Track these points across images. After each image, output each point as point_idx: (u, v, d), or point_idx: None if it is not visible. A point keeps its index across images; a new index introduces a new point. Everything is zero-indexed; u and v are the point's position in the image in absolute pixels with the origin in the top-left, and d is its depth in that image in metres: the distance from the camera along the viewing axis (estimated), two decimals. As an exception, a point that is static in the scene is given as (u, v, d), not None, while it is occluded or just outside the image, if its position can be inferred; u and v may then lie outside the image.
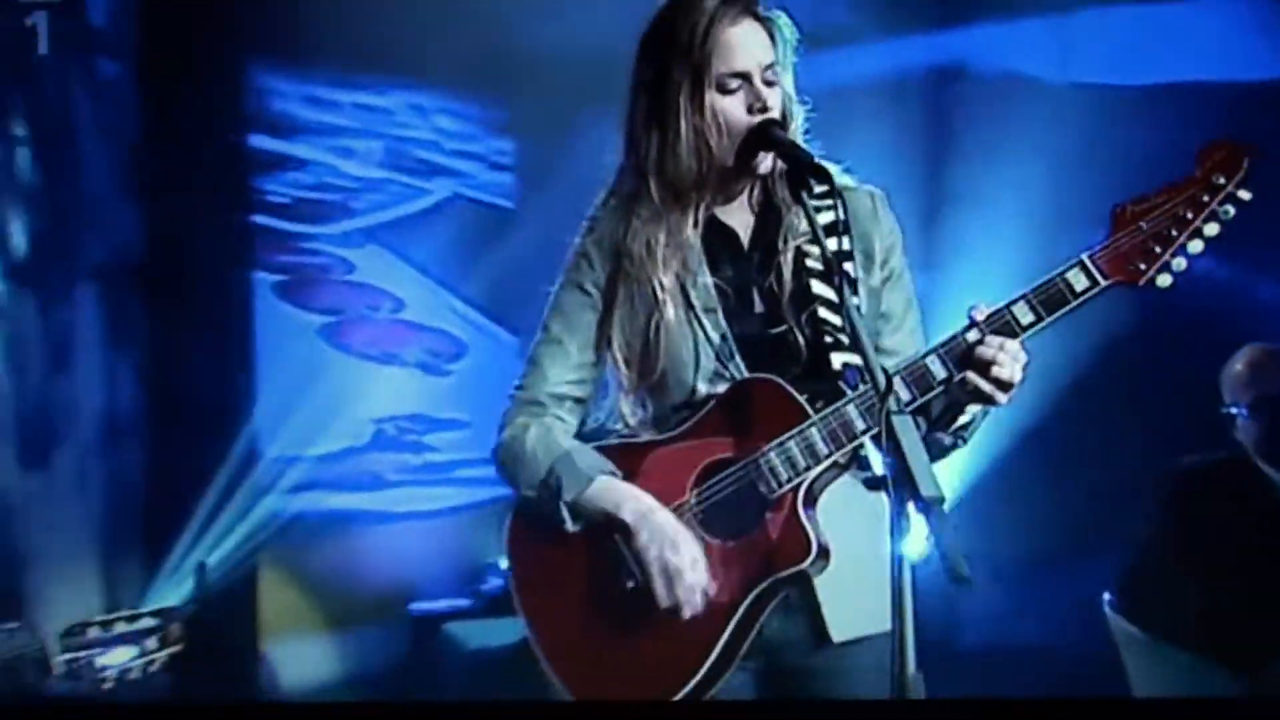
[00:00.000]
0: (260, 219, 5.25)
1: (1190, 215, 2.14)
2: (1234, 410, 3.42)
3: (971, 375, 2.12)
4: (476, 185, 5.53)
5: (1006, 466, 4.92)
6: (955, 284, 4.58)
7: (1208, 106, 4.74)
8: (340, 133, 5.36)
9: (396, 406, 5.35)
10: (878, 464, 2.15)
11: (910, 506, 1.86)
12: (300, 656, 5.13)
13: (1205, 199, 2.14)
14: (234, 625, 5.00)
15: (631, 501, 2.22)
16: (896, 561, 1.86)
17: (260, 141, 5.26)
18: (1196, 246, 2.15)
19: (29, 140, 4.74)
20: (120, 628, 2.54)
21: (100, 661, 2.52)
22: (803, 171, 2.15)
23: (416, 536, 5.20)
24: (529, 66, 5.04)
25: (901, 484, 1.86)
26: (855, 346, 2.05)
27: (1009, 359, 2.11)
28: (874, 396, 2.00)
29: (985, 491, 4.98)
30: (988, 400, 2.14)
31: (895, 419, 1.90)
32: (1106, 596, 3.43)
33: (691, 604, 2.18)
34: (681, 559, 2.18)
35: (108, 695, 2.63)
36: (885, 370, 2.02)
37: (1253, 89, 4.78)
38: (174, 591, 4.84)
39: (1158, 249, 2.14)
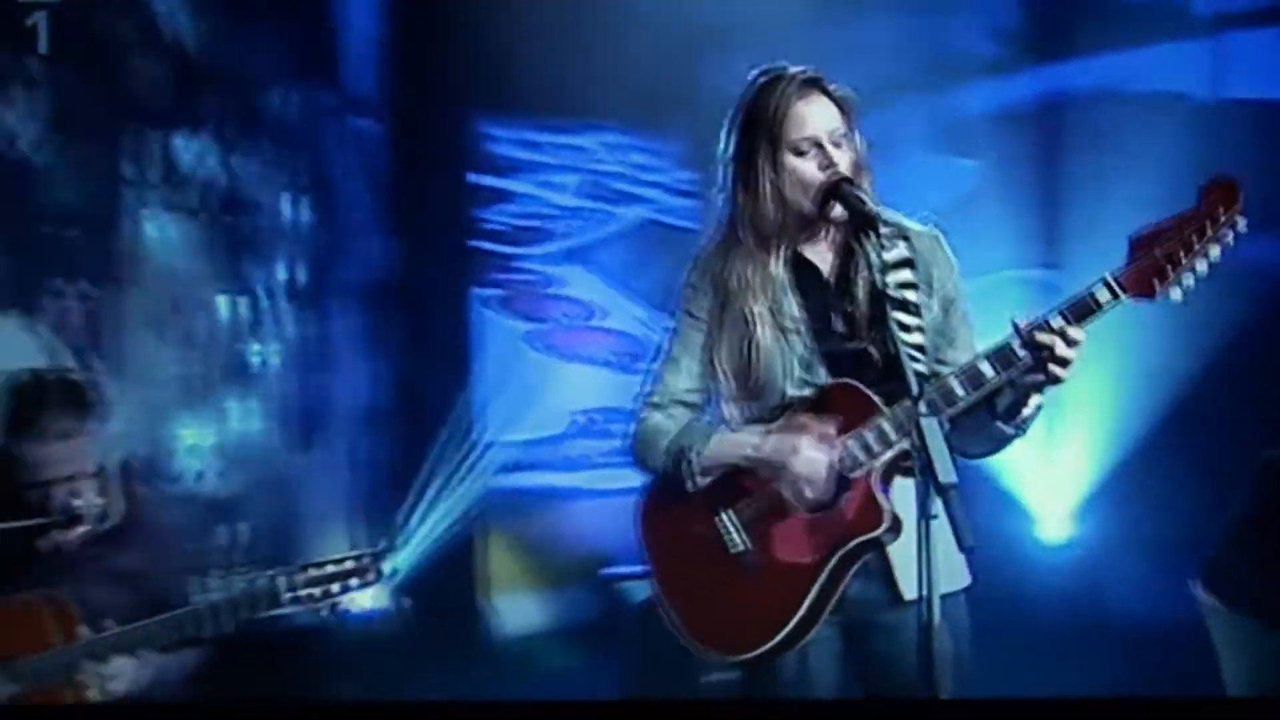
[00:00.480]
0: (482, 244, 5.71)
1: (1196, 241, 2.39)
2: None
3: (1045, 361, 2.37)
4: (663, 210, 5.89)
5: (1143, 457, 5.11)
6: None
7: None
8: (547, 169, 5.79)
9: (595, 400, 5.75)
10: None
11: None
12: (516, 608, 5.58)
13: (1208, 228, 2.40)
14: (463, 580, 5.53)
15: (746, 446, 2.51)
16: (922, 532, 2.18)
17: (482, 179, 5.72)
18: (1202, 267, 2.41)
19: (306, 188, 5.36)
20: (331, 567, 2.79)
21: (317, 592, 2.78)
22: (860, 220, 2.45)
23: (611, 511, 5.08)
24: (707, 105, 5.33)
25: (926, 471, 2.18)
26: (895, 361, 2.34)
27: (1062, 343, 2.39)
28: (933, 394, 2.37)
29: (1125, 480, 5.20)
30: (1053, 380, 2.38)
31: (923, 421, 2.21)
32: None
33: (819, 493, 2.44)
34: (792, 470, 2.45)
35: (329, 621, 3.00)
36: (921, 380, 2.35)
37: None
38: (403, 545, 5.30)
39: (1169, 269, 2.39)
